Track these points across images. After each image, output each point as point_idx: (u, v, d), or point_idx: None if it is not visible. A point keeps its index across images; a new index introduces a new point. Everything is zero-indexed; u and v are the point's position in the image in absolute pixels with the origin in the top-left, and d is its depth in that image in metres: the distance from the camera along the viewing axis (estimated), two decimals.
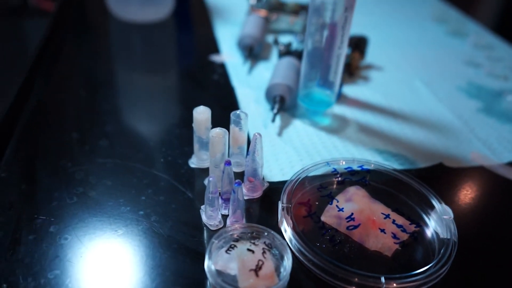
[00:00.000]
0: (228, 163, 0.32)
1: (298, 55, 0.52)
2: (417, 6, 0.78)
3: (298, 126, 0.45)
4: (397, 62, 0.59)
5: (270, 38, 0.63)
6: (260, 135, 0.33)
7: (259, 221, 0.34)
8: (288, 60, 0.50)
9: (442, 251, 0.30)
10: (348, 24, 0.40)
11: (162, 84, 0.52)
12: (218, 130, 0.34)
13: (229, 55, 0.58)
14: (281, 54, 0.53)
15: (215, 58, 0.58)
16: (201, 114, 0.36)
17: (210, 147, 0.34)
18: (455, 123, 0.48)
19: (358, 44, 0.56)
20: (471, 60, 0.60)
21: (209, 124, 0.37)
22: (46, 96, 0.48)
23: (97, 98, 0.48)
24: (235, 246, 0.29)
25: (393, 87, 0.54)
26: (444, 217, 0.33)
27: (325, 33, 0.41)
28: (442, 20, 0.72)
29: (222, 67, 0.56)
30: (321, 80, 0.45)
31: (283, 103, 0.46)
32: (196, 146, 0.38)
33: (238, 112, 0.36)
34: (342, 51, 0.42)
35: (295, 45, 0.58)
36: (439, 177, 0.40)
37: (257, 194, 0.36)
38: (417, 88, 0.54)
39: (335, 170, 0.38)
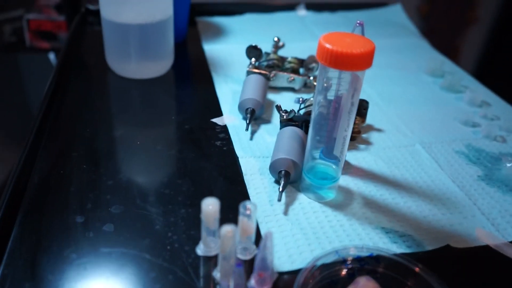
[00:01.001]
0: (239, 265, 0.32)
1: (302, 123, 0.52)
2: (411, 56, 0.80)
3: (303, 201, 0.45)
4: (395, 122, 0.60)
5: (270, 95, 0.63)
6: (271, 234, 0.33)
7: None
8: (292, 131, 0.50)
9: None
10: (354, 108, 0.40)
11: (165, 152, 0.52)
12: (228, 228, 0.34)
13: (230, 117, 0.58)
14: (283, 122, 0.53)
15: (217, 120, 0.58)
16: (210, 206, 0.36)
17: (221, 243, 0.34)
18: (457, 194, 0.48)
19: (359, 109, 0.56)
20: (468, 119, 0.61)
21: (217, 215, 0.37)
22: (48, 171, 0.47)
23: (99, 172, 0.47)
24: None
25: (394, 152, 0.54)
26: None
27: (331, 95, 0.41)
28: (437, 73, 0.73)
29: (224, 131, 0.56)
30: (326, 152, 0.46)
31: (289, 178, 0.46)
32: (203, 234, 0.38)
33: (247, 204, 0.36)
34: (348, 133, 0.42)
35: (297, 107, 0.58)
36: (447, 260, 0.40)
37: None
38: (418, 152, 0.54)
39: (345, 259, 0.38)
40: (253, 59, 0.63)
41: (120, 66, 0.65)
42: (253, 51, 0.63)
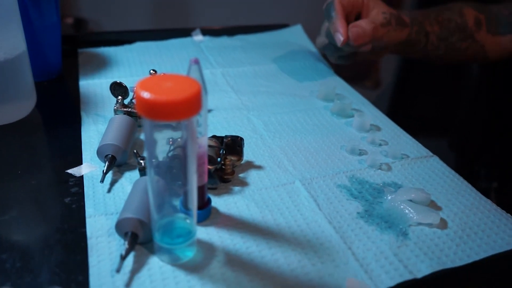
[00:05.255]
0: None
1: (166, 170, 0.46)
2: (306, 80, 0.76)
3: (153, 266, 0.39)
4: (277, 156, 0.56)
5: (143, 136, 0.57)
6: None
7: None
8: (146, 184, 0.44)
9: None
10: (192, 160, 0.35)
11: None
12: None
13: (91, 165, 0.51)
14: (142, 170, 0.47)
15: (73, 171, 0.50)
16: None
17: None
18: (332, 238, 0.44)
19: (234, 146, 0.51)
20: (355, 147, 0.58)
21: None
22: None
23: None
24: None
25: (271, 192, 0.49)
26: None
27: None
28: (330, 97, 0.70)
29: (79, 183, 0.48)
30: (184, 202, 0.40)
31: (135, 241, 0.39)
32: None
33: None
34: (194, 187, 0.36)
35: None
36: None
37: None
38: (297, 191, 0.50)
39: None
40: (119, 97, 0.57)
41: None
42: (118, 88, 0.57)
